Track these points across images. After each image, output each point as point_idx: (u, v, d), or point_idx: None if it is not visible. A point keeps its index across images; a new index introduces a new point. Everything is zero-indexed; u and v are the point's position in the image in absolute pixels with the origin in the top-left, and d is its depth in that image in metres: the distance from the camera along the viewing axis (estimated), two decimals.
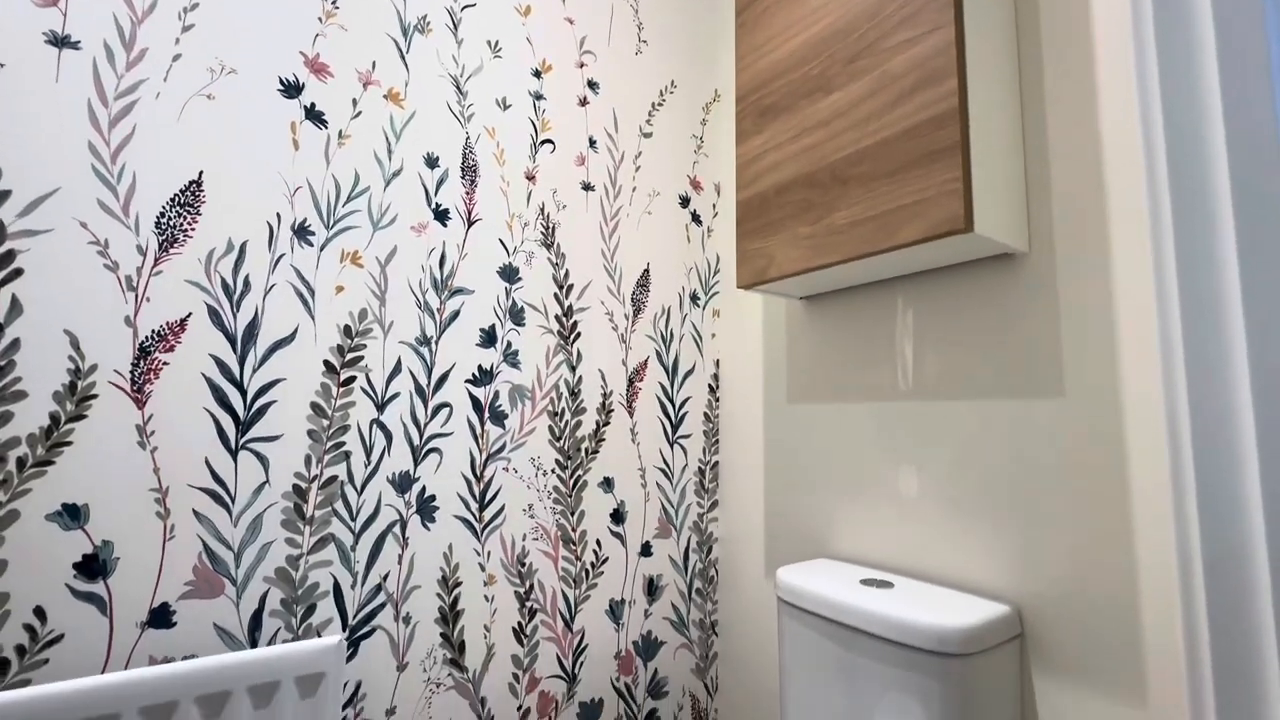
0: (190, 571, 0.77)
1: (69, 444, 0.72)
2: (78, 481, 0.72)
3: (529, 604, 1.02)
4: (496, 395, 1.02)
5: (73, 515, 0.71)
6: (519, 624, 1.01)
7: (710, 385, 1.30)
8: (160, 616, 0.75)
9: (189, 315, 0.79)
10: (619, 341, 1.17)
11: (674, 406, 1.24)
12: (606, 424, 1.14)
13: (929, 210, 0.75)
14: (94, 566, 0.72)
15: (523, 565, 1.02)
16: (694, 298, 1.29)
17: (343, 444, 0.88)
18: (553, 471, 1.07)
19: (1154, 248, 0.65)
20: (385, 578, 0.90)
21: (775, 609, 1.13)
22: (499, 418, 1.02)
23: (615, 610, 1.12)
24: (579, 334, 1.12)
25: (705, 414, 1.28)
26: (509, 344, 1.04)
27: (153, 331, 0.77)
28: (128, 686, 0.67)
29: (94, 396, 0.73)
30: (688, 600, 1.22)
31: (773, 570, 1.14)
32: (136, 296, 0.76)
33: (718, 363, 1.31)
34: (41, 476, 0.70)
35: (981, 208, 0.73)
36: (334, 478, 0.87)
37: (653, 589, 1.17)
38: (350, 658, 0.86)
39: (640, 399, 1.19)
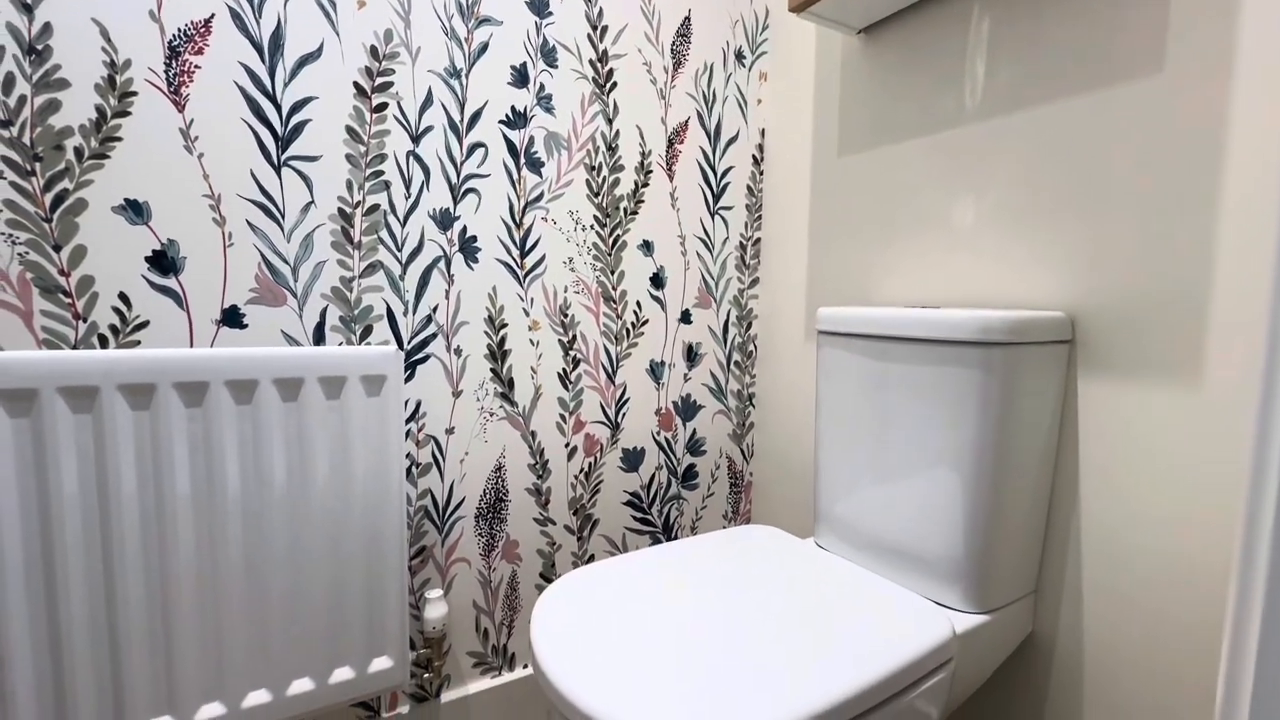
0: (253, 280, 0.81)
1: (119, 139, 0.73)
2: (134, 178, 0.74)
3: (573, 353, 1.06)
4: (532, 141, 0.99)
5: (136, 211, 0.75)
6: (564, 370, 1.06)
7: (755, 157, 1.22)
8: (232, 317, 0.81)
9: (212, 16, 0.76)
10: (658, 97, 1.10)
11: (715, 175, 1.18)
12: (645, 185, 1.10)
13: None
14: (164, 262, 0.77)
15: (565, 316, 1.05)
16: (739, 56, 1.18)
17: (381, 173, 0.88)
18: (591, 228, 1.06)
19: None
20: (435, 310, 0.94)
21: (814, 384, 1.14)
22: (535, 165, 1.00)
23: (655, 370, 1.15)
24: (615, 84, 1.05)
25: (749, 187, 1.23)
26: (541, 86, 0.99)
27: (179, 30, 0.75)
28: (214, 360, 0.74)
29: (134, 94, 0.73)
30: (726, 371, 1.25)
31: (812, 347, 1.14)
32: None
33: (763, 132, 1.23)
34: (100, 169, 0.73)
35: None
36: (376, 206, 0.88)
37: (692, 355, 1.20)
38: (409, 379, 0.93)
39: (680, 163, 1.14)
